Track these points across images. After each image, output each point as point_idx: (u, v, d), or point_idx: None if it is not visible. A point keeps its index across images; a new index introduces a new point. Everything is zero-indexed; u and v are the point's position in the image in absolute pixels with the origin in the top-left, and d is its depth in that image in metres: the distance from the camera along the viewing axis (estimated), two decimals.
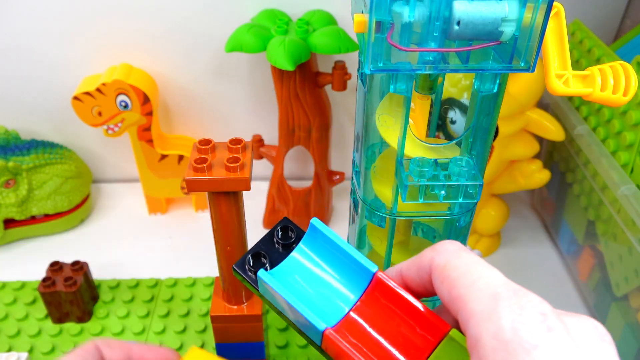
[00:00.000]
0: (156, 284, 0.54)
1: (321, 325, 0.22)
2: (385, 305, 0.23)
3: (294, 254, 0.25)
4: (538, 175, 0.53)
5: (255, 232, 0.62)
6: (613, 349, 0.19)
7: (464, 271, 0.20)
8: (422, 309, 0.22)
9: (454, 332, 0.22)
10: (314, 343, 0.24)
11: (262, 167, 0.66)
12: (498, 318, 0.18)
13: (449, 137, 0.51)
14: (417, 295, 0.23)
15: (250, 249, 0.25)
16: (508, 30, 0.24)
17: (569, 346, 0.18)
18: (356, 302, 0.24)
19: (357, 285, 0.24)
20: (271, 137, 0.64)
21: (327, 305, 0.24)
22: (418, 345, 0.22)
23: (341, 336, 0.23)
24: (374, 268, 0.23)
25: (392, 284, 0.23)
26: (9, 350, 0.48)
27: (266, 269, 0.24)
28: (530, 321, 0.18)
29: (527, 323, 0.18)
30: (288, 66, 0.48)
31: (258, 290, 0.25)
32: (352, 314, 0.23)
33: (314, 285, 0.24)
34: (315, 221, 0.25)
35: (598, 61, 0.49)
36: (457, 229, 0.33)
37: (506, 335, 0.18)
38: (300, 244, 0.25)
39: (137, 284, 0.54)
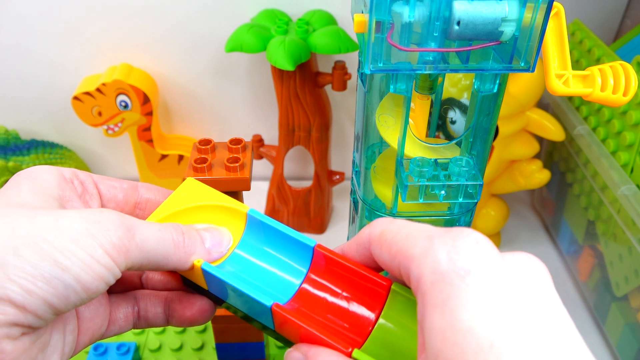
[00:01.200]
0: None
1: (268, 301, 0.23)
2: (330, 274, 0.24)
3: (237, 250, 0.27)
4: (538, 175, 0.53)
5: None
6: (547, 277, 0.19)
7: (398, 230, 0.21)
8: (361, 270, 0.23)
9: (395, 285, 0.23)
10: (270, 330, 0.25)
11: (262, 167, 0.66)
12: (434, 252, 0.19)
13: (449, 137, 0.51)
14: None
15: None
16: (508, 30, 0.24)
17: (502, 269, 0.18)
18: (304, 278, 0.25)
19: (302, 262, 0.25)
20: (271, 137, 0.64)
21: (277, 287, 0.25)
22: (368, 303, 0.23)
23: (291, 308, 0.24)
24: (312, 243, 0.25)
25: (331, 254, 0.24)
26: None
27: None
28: (464, 248, 0.18)
29: (461, 251, 0.18)
30: (288, 66, 0.48)
31: (208, 291, 0.26)
32: (304, 286, 0.25)
33: (260, 273, 0.26)
34: (252, 211, 0.27)
35: (598, 61, 0.49)
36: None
37: (442, 267, 0.18)
38: (243, 236, 0.27)
39: None
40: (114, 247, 0.22)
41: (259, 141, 0.60)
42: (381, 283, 0.23)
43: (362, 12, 0.25)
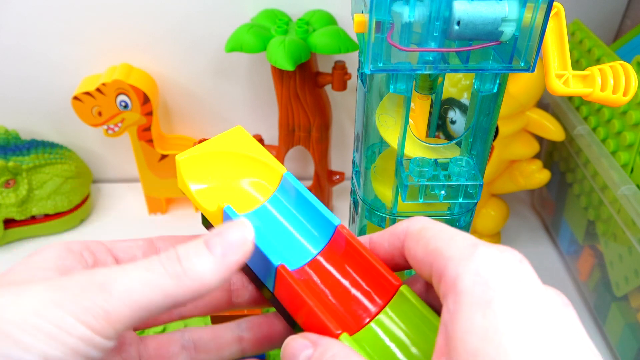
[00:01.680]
0: None
1: (276, 261, 0.23)
2: (345, 256, 0.24)
3: (266, 203, 0.26)
4: (538, 175, 0.53)
5: None
6: (574, 313, 0.19)
7: (440, 230, 0.21)
8: (376, 263, 0.23)
9: (405, 287, 0.22)
10: (271, 295, 0.24)
11: None
12: (478, 257, 0.19)
13: (449, 137, 0.51)
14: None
15: None
16: (508, 30, 0.24)
17: (542, 294, 0.18)
18: (319, 252, 0.24)
19: (322, 237, 0.25)
20: (271, 137, 0.64)
21: (291, 251, 0.24)
22: (372, 296, 0.23)
23: (297, 276, 0.23)
24: (336, 222, 0.24)
25: (350, 238, 0.24)
26: None
27: None
28: (510, 262, 0.19)
29: (507, 263, 0.18)
30: (288, 66, 0.48)
31: None
32: (317, 258, 0.24)
33: (281, 233, 0.25)
34: (287, 174, 0.26)
35: (598, 61, 0.49)
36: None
37: (487, 272, 0.18)
38: (275, 193, 0.26)
39: None
40: (88, 312, 0.18)
41: (259, 141, 0.60)
42: (392, 281, 0.23)
43: (362, 12, 0.25)
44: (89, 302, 0.18)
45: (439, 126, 0.51)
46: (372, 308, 0.23)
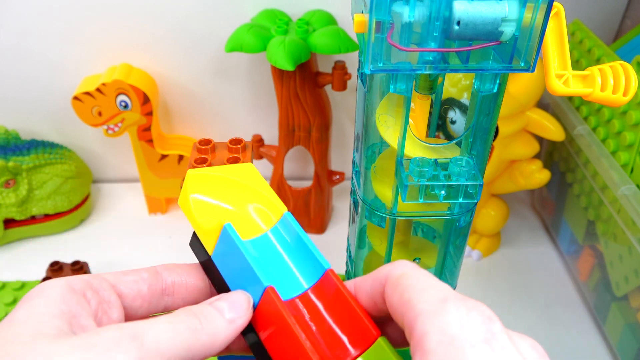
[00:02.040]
0: None
1: (266, 281, 0.23)
2: (330, 300, 0.24)
3: (269, 233, 0.26)
4: (538, 175, 0.53)
5: None
6: None
7: (417, 280, 0.21)
8: (359, 310, 0.23)
9: (383, 339, 0.22)
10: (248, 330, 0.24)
11: (262, 167, 0.66)
12: (446, 314, 0.18)
13: (449, 137, 0.51)
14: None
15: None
16: (508, 30, 0.24)
17: (511, 351, 0.18)
18: (304, 292, 0.24)
19: (310, 277, 0.25)
20: (271, 137, 0.64)
21: (277, 284, 0.24)
22: (351, 341, 0.23)
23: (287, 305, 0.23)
24: (327, 265, 0.24)
25: (338, 283, 0.24)
26: None
27: None
28: (477, 321, 0.18)
29: (474, 322, 0.18)
30: (288, 66, 0.48)
31: (206, 261, 0.25)
32: (296, 300, 0.24)
33: (270, 265, 0.25)
34: (288, 214, 0.26)
35: (598, 61, 0.49)
36: (457, 229, 0.33)
37: (452, 330, 0.18)
38: (275, 226, 0.26)
39: None
40: None
41: (259, 141, 0.60)
42: (371, 331, 0.22)
43: (362, 12, 0.25)
44: (123, 355, 0.18)
45: (439, 126, 0.51)
46: (350, 353, 0.22)
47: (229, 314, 0.22)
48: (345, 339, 0.23)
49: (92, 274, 0.23)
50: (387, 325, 0.23)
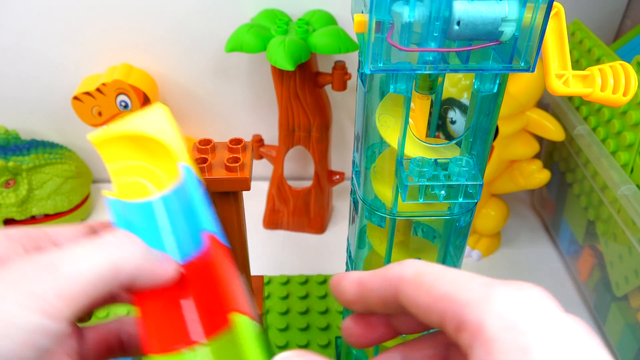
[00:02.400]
0: None
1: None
2: (201, 276, 0.23)
3: (157, 199, 0.24)
4: (538, 175, 0.53)
5: (255, 232, 0.62)
6: (598, 341, 0.18)
7: (441, 273, 0.19)
8: (230, 289, 0.21)
9: (249, 322, 0.20)
10: None
11: (262, 167, 0.66)
12: (499, 298, 0.17)
13: (449, 137, 0.51)
14: (370, 310, 0.22)
15: None
16: (508, 30, 0.24)
17: (571, 327, 0.17)
18: (186, 259, 0.23)
19: (188, 250, 0.23)
20: (271, 137, 0.64)
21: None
22: (191, 330, 0.21)
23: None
24: (211, 229, 0.23)
25: (217, 256, 0.22)
26: None
27: None
28: (533, 300, 0.18)
29: (532, 302, 0.17)
30: (288, 66, 0.48)
31: None
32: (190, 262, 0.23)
33: (151, 233, 0.24)
34: (187, 170, 0.24)
35: (598, 61, 0.49)
36: (457, 229, 0.33)
37: (513, 314, 0.17)
38: (168, 191, 0.24)
39: None
40: (36, 298, 0.17)
41: (259, 141, 0.60)
42: (228, 316, 0.20)
43: (362, 12, 0.25)
44: (37, 286, 0.18)
45: (439, 126, 0.51)
46: (189, 342, 0.21)
47: (159, 257, 0.22)
48: (196, 322, 0.21)
49: (32, 226, 0.22)
50: (394, 317, 0.23)
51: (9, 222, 0.58)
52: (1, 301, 0.17)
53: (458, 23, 0.24)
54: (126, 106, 0.56)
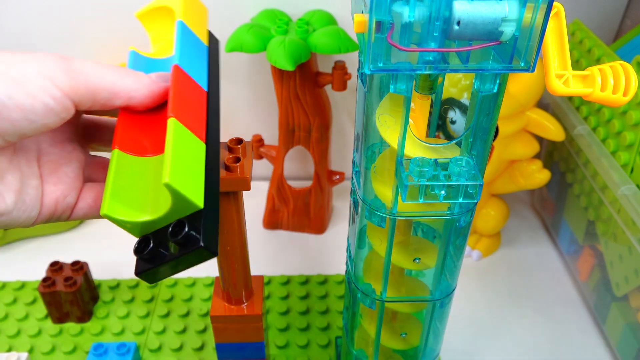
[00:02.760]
0: (156, 284, 0.54)
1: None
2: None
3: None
4: (538, 175, 0.53)
5: (255, 232, 0.62)
6: None
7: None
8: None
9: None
10: None
11: (262, 167, 0.66)
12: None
13: (449, 137, 0.51)
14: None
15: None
16: (508, 30, 0.24)
17: None
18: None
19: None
20: (271, 137, 0.64)
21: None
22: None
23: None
24: (174, 62, 0.27)
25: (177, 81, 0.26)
26: (9, 350, 0.48)
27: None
28: None
29: None
30: (288, 66, 0.48)
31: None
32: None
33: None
34: (179, 24, 0.30)
35: (598, 61, 0.49)
36: (457, 229, 0.33)
37: None
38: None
39: (137, 284, 0.54)
40: (48, 70, 0.22)
41: (259, 141, 0.60)
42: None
43: (362, 12, 0.25)
44: (51, 63, 0.23)
45: (439, 126, 0.51)
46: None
47: (155, 77, 0.27)
48: (155, 139, 0.26)
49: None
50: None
51: None
52: (24, 63, 0.22)
53: (458, 23, 0.24)
54: None
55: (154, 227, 0.24)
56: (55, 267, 0.50)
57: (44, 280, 0.48)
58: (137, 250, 0.24)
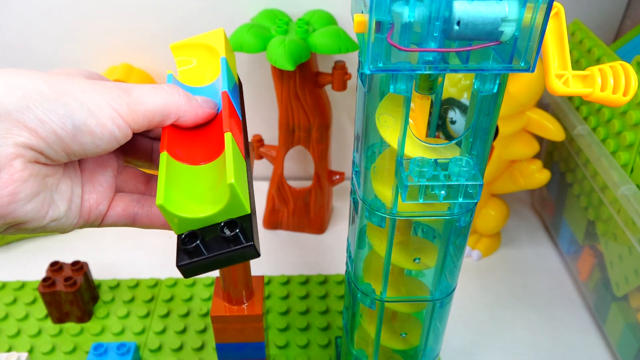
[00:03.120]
0: (156, 284, 0.54)
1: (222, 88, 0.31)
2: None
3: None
4: (538, 175, 0.53)
5: None
6: None
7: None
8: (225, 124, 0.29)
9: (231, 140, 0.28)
10: None
11: (262, 167, 0.66)
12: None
13: (449, 137, 0.51)
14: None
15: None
16: (508, 30, 0.24)
17: None
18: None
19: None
20: (271, 137, 0.64)
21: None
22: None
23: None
24: (223, 88, 0.31)
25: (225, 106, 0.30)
26: (9, 350, 0.48)
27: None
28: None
29: None
30: (288, 66, 0.48)
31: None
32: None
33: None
34: (222, 59, 0.33)
35: (598, 61, 0.49)
36: (457, 229, 0.33)
37: None
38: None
39: (137, 284, 0.54)
40: (115, 101, 0.26)
41: (259, 141, 0.60)
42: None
43: (362, 12, 0.25)
44: (117, 96, 0.26)
45: (439, 126, 0.51)
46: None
47: (202, 101, 0.30)
48: (206, 150, 0.29)
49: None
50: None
51: None
52: (97, 93, 0.25)
53: (458, 23, 0.24)
54: None
55: (197, 225, 0.26)
56: (55, 267, 0.50)
57: (44, 280, 0.48)
58: (184, 243, 0.26)
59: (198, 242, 0.26)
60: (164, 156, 0.28)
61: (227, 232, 0.26)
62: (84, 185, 0.28)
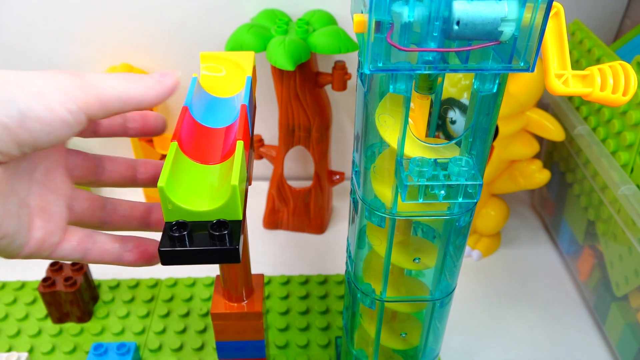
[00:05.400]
0: (156, 284, 0.54)
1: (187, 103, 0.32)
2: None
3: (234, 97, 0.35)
4: (538, 175, 0.53)
5: (255, 232, 0.62)
6: None
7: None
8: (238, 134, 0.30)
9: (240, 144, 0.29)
10: None
11: (262, 167, 0.66)
12: None
13: (449, 137, 0.51)
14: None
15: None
16: (508, 30, 0.24)
17: None
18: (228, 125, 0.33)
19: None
20: (271, 137, 0.64)
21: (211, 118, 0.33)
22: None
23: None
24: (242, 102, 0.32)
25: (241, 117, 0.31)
26: (9, 350, 0.48)
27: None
28: None
29: None
30: (288, 66, 0.48)
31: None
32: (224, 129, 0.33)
33: (222, 110, 0.34)
34: (248, 78, 0.35)
35: (598, 61, 0.49)
36: (457, 229, 0.33)
37: None
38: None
39: (137, 284, 0.54)
40: (64, 86, 0.24)
41: (259, 141, 0.60)
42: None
43: (362, 12, 0.25)
44: (65, 79, 0.25)
45: (439, 126, 0.51)
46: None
47: (158, 76, 0.28)
48: (218, 152, 0.31)
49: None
50: None
51: None
52: (41, 79, 0.24)
53: (458, 23, 0.24)
54: None
55: (188, 217, 0.27)
56: (55, 267, 0.50)
57: (44, 280, 0.48)
58: (172, 230, 0.26)
59: (186, 232, 0.26)
60: (173, 145, 0.29)
61: (216, 230, 0.26)
62: (35, 211, 0.27)
